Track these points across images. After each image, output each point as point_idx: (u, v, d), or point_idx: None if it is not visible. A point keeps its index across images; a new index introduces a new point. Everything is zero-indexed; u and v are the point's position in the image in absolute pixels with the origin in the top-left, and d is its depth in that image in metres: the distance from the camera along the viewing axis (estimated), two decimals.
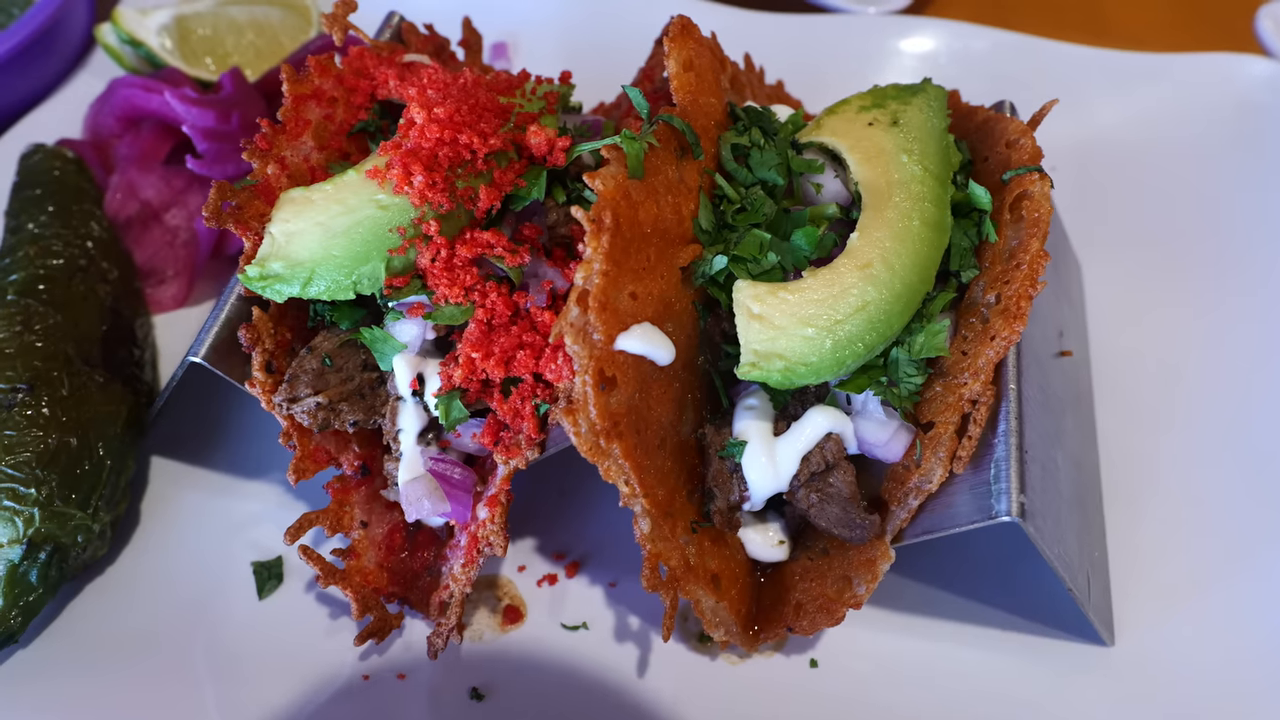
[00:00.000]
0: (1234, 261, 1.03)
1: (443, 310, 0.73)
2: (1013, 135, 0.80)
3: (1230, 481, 0.88)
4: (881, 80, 1.14)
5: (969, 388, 0.70)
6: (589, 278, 0.65)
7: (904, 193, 0.75)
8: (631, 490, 0.68)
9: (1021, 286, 0.71)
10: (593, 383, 0.64)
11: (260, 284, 0.71)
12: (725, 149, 0.79)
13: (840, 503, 0.73)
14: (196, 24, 1.09)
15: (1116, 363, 0.98)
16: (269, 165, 0.77)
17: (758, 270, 0.73)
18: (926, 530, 0.71)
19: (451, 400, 0.73)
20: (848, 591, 0.73)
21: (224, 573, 0.85)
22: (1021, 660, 0.79)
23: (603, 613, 0.83)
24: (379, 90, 0.84)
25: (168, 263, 1.02)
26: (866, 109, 0.83)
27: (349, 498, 0.78)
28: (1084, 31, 1.34)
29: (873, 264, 0.71)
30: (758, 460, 0.72)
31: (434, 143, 0.73)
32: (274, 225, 0.73)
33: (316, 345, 0.75)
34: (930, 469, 0.70)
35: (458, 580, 0.75)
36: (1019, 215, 0.76)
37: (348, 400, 0.75)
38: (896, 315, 0.71)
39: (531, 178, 0.76)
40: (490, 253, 0.73)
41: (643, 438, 0.69)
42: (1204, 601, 0.81)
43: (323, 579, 0.74)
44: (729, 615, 0.75)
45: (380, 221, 0.71)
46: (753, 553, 0.78)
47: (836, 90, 1.18)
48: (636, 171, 0.69)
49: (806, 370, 0.68)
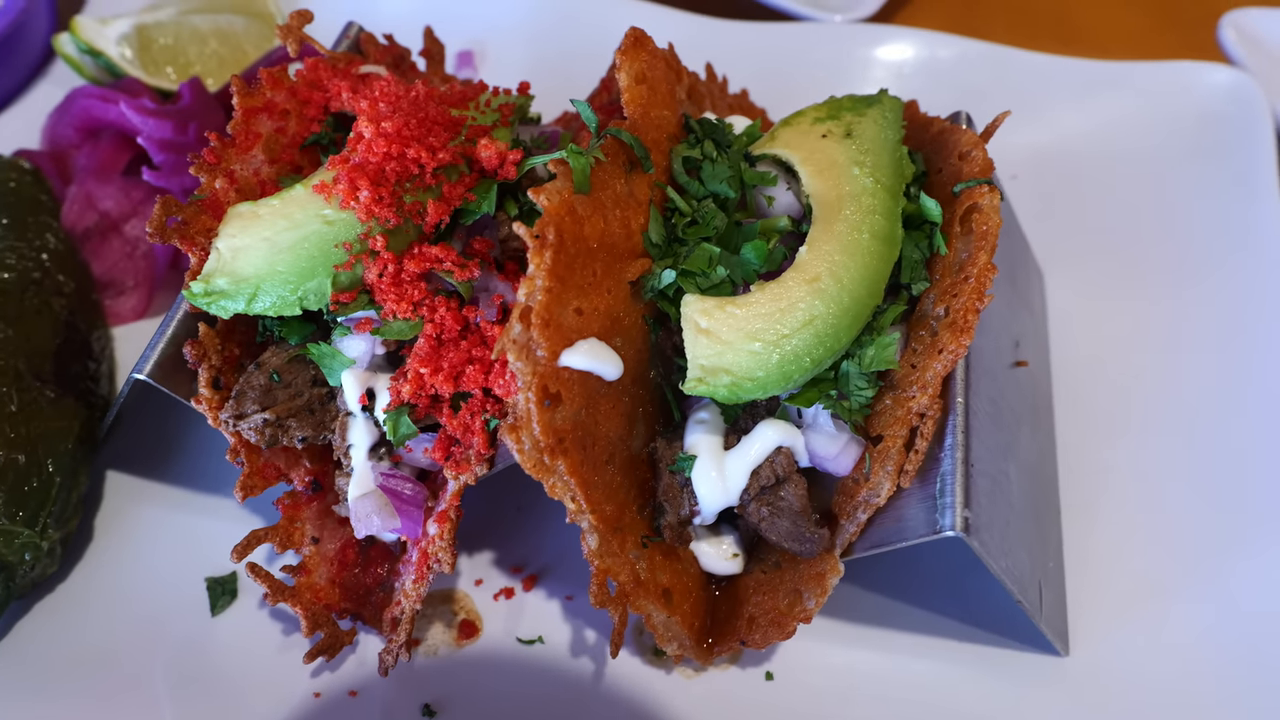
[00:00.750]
0: (1195, 270, 1.03)
1: (391, 325, 0.72)
2: (965, 147, 0.80)
3: (1188, 490, 0.88)
4: (848, 89, 1.13)
5: (916, 401, 0.70)
6: (531, 294, 0.64)
7: (854, 205, 0.75)
8: (578, 506, 0.67)
9: (969, 300, 0.71)
10: (536, 399, 0.64)
11: (205, 300, 0.71)
12: (677, 162, 0.78)
13: (791, 516, 0.72)
14: (158, 33, 1.08)
15: (1077, 372, 0.98)
16: (217, 179, 0.76)
17: (707, 284, 0.73)
18: (876, 544, 0.71)
19: (400, 416, 0.73)
20: (798, 605, 0.73)
21: (179, 589, 0.84)
22: (977, 672, 0.79)
23: (559, 626, 0.83)
24: (332, 102, 0.84)
25: (127, 274, 1.01)
26: (821, 120, 0.83)
27: (300, 514, 0.78)
28: (1054, 40, 1.34)
29: (821, 277, 0.71)
30: (707, 474, 0.72)
31: (381, 157, 0.72)
32: (220, 240, 0.73)
33: (264, 361, 0.75)
34: (878, 483, 0.70)
35: (409, 596, 0.74)
36: (969, 228, 0.75)
37: (296, 416, 0.74)
38: (844, 329, 0.71)
39: (482, 191, 0.76)
40: (439, 267, 0.73)
41: (589, 453, 0.69)
42: (1159, 610, 0.81)
43: (271, 596, 0.74)
44: (681, 629, 0.75)
45: (326, 236, 0.71)
46: (706, 566, 0.78)
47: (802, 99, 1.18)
48: (582, 186, 0.69)
49: (753, 385, 0.68)
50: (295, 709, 0.77)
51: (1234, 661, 0.77)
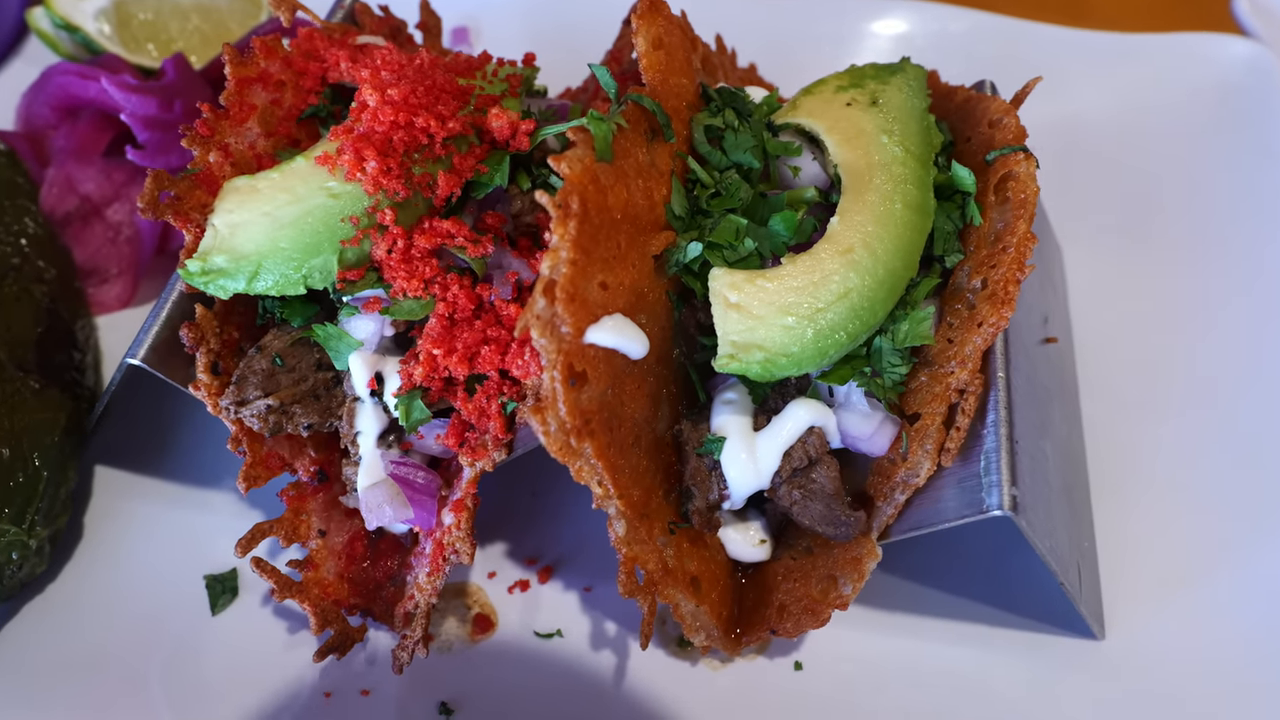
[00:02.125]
0: (1217, 244, 1.01)
1: (401, 305, 0.68)
2: (995, 114, 0.77)
3: (1219, 469, 0.86)
4: (857, 62, 1.10)
5: (956, 377, 0.67)
6: (555, 267, 0.61)
7: (885, 175, 0.72)
8: (605, 491, 0.64)
9: (1009, 270, 0.68)
10: (562, 378, 0.60)
11: (202, 279, 0.67)
12: (698, 131, 0.75)
13: (824, 499, 0.69)
14: (137, 8, 1.03)
15: (1100, 349, 0.96)
16: (211, 153, 0.72)
17: (734, 257, 0.69)
18: (914, 526, 0.68)
19: (412, 400, 0.69)
20: (833, 591, 0.70)
21: (176, 588, 0.80)
22: (1011, 657, 0.76)
23: (578, 619, 0.79)
24: (330, 73, 0.79)
25: (110, 261, 0.96)
26: (844, 89, 0.80)
27: (305, 505, 0.74)
28: (1063, 13, 1.31)
29: (854, 249, 0.68)
30: (737, 457, 0.69)
31: (388, 126, 0.68)
32: (216, 216, 0.68)
33: (266, 344, 0.70)
34: (917, 462, 0.67)
35: (423, 590, 0.71)
36: (1004, 197, 0.73)
37: (301, 402, 0.70)
38: (880, 302, 0.68)
39: (494, 163, 0.72)
40: (451, 243, 0.69)
41: (616, 436, 0.65)
42: (1194, 592, 0.79)
43: (278, 592, 0.70)
44: (709, 619, 0.72)
45: (331, 211, 0.67)
46: (733, 553, 0.75)
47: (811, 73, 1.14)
48: (605, 154, 0.65)
49: (788, 361, 0.65)
50: (305, 711, 0.73)
51: (1272, 643, 0.75)
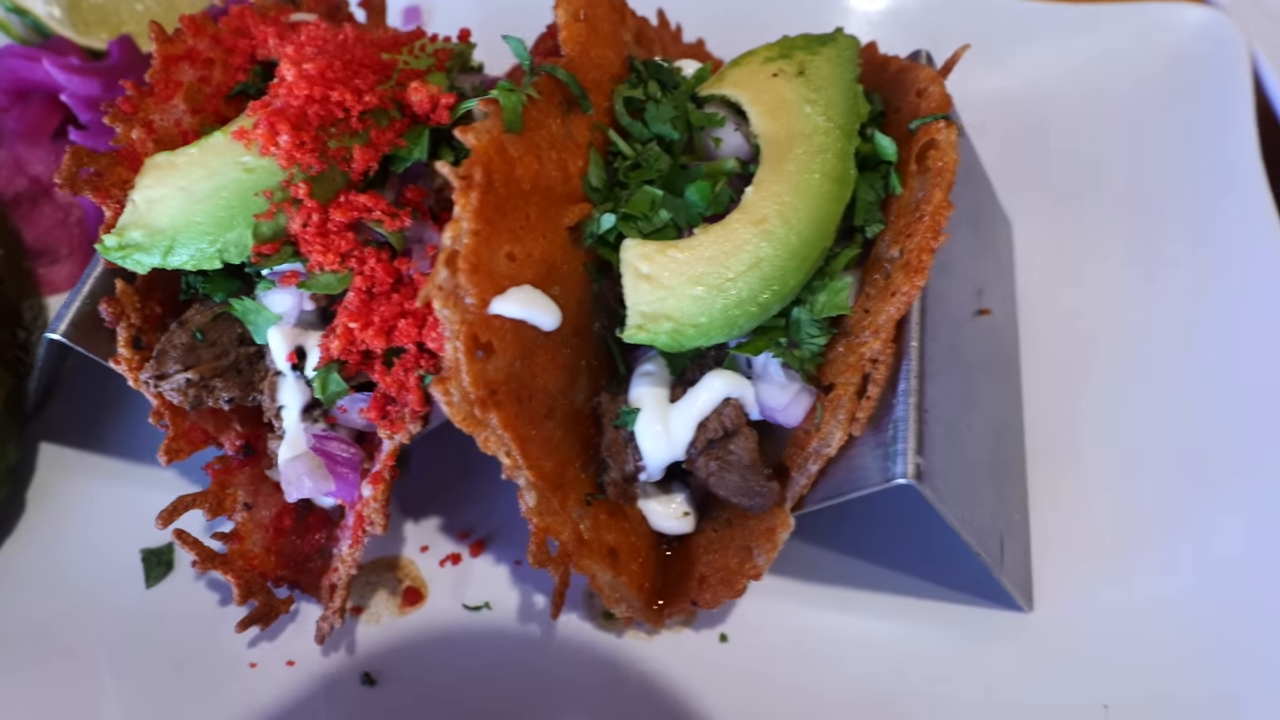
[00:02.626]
0: (1168, 216, 1.00)
1: (318, 278, 0.69)
2: (922, 83, 0.77)
3: (1156, 442, 0.85)
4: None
5: (869, 346, 0.67)
6: (458, 238, 0.61)
7: (805, 145, 0.72)
8: (514, 462, 0.64)
9: (923, 239, 0.68)
10: (465, 349, 0.61)
11: (119, 254, 0.67)
12: (619, 103, 0.75)
13: (740, 470, 0.69)
14: None
15: (1046, 323, 0.95)
16: (134, 129, 0.72)
17: (649, 229, 0.69)
18: (828, 496, 0.68)
19: (329, 373, 0.69)
20: (749, 562, 0.71)
21: (115, 562, 0.81)
22: (938, 629, 0.77)
23: (507, 592, 0.80)
24: (259, 50, 0.80)
25: (60, 241, 0.97)
26: (772, 60, 0.80)
27: (232, 479, 0.75)
28: None
29: (768, 219, 0.68)
30: (651, 428, 0.69)
31: (303, 100, 0.68)
32: (136, 192, 0.69)
33: (188, 319, 0.71)
34: (830, 432, 0.67)
35: (345, 562, 0.72)
36: (925, 166, 0.72)
37: (222, 376, 0.71)
38: (793, 272, 0.67)
39: (413, 137, 0.72)
40: (368, 217, 0.69)
41: (525, 407, 0.65)
42: (1124, 565, 0.78)
43: (199, 564, 0.71)
44: (629, 590, 0.72)
45: (245, 185, 0.67)
46: (656, 525, 0.75)
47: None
48: (514, 125, 0.65)
49: (695, 331, 0.65)
50: (231, 680, 0.74)
51: (1199, 617, 0.75)
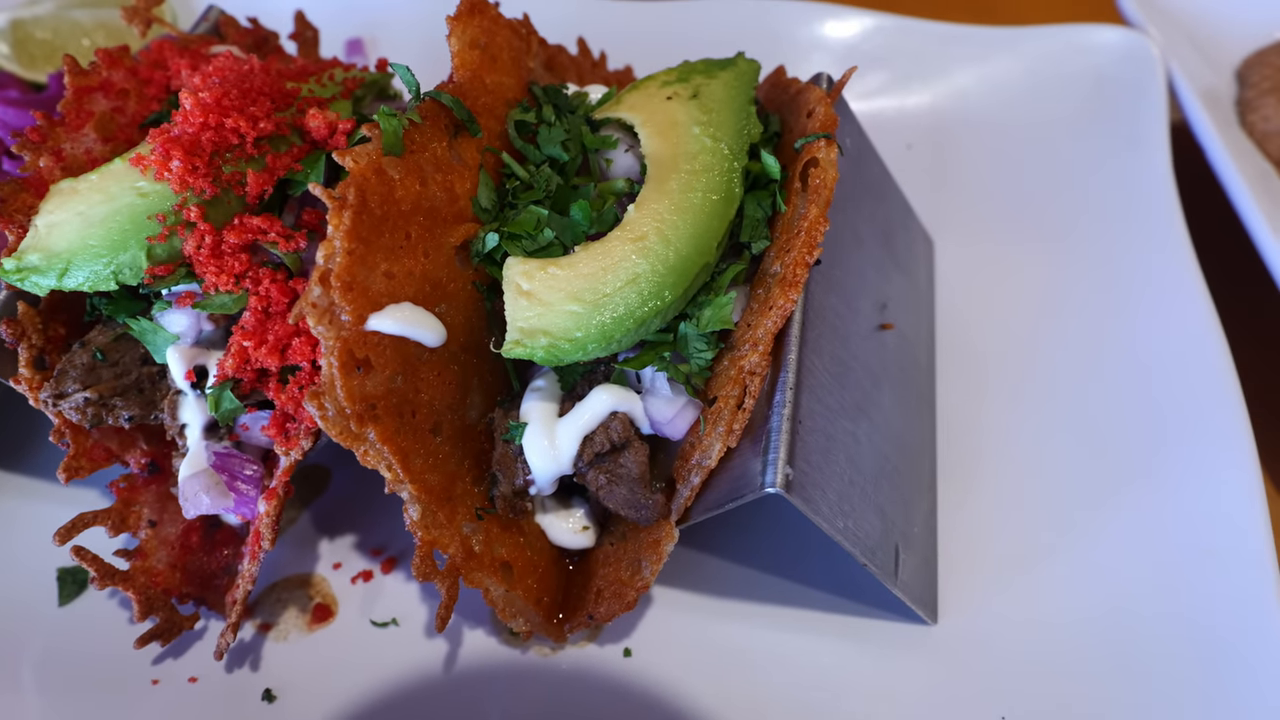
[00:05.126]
0: (1082, 234, 1.01)
1: (213, 299, 0.71)
2: (812, 104, 0.78)
3: (1067, 454, 0.85)
4: None
5: (748, 359, 0.68)
6: (331, 256, 0.63)
7: (690, 164, 0.74)
8: (395, 476, 0.65)
9: (799, 254, 0.69)
10: (339, 364, 0.62)
11: (16, 276, 0.70)
12: (511, 126, 0.77)
13: (628, 483, 0.70)
14: (35, 28, 1.08)
15: (961, 338, 0.96)
16: (41, 157, 0.75)
17: (533, 247, 0.71)
18: (710, 507, 0.69)
19: (223, 391, 0.71)
20: (638, 575, 0.71)
21: (33, 581, 0.82)
22: (843, 642, 0.77)
23: (416, 609, 0.81)
24: (173, 81, 0.83)
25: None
26: (670, 84, 0.82)
27: (137, 497, 0.76)
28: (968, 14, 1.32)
29: (647, 236, 0.69)
30: (538, 442, 0.70)
31: (198, 127, 0.71)
32: (39, 217, 0.72)
33: (89, 339, 0.73)
34: (710, 444, 0.68)
35: (244, 577, 0.73)
36: (806, 183, 0.74)
37: (122, 395, 0.73)
38: (670, 287, 0.69)
39: (310, 162, 0.75)
40: (263, 239, 0.72)
41: (408, 421, 0.67)
42: (1028, 576, 0.78)
43: (98, 580, 0.72)
44: (526, 604, 0.73)
45: (139, 209, 0.70)
46: (556, 539, 0.76)
47: None
48: (394, 148, 0.67)
49: (571, 346, 0.66)
50: (133, 697, 0.75)
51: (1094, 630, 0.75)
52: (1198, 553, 0.76)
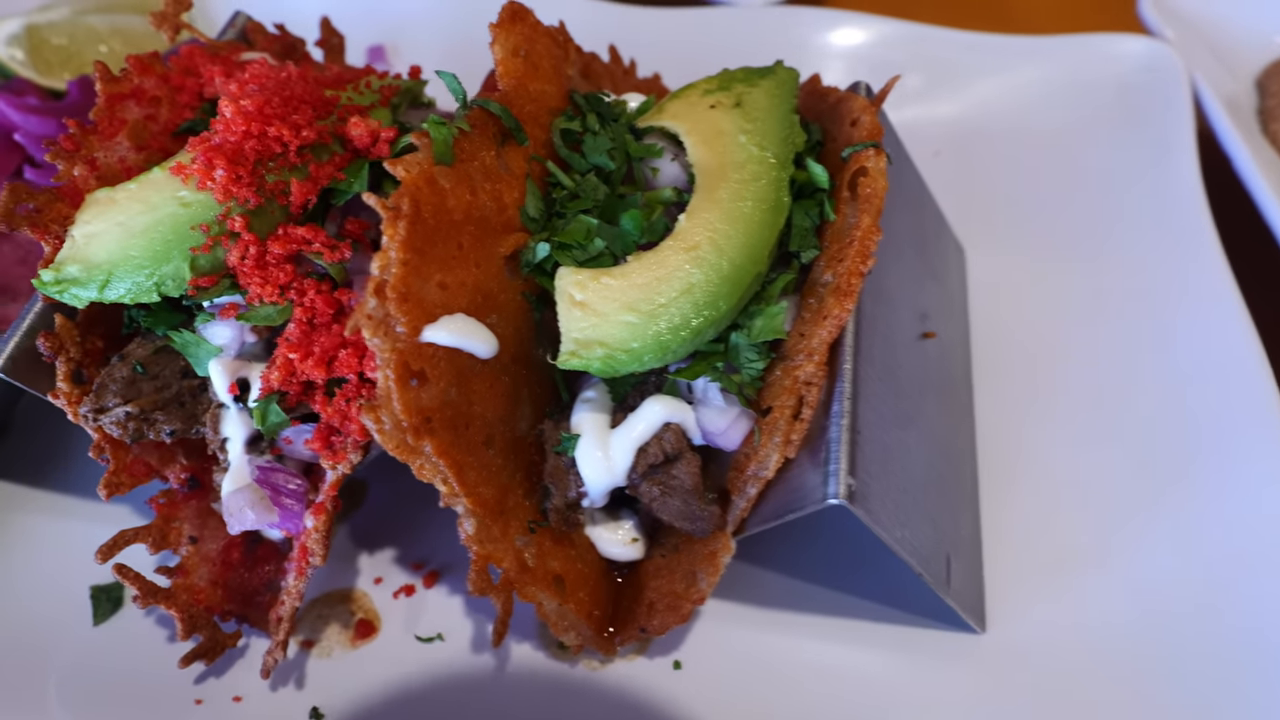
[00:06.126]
0: (1113, 241, 1.01)
1: (257, 310, 0.70)
2: (856, 113, 0.78)
3: (1106, 462, 0.86)
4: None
5: (803, 369, 0.68)
6: (386, 267, 0.62)
7: (739, 173, 0.73)
8: (450, 489, 0.64)
9: (852, 264, 0.69)
10: (396, 377, 0.61)
11: (56, 289, 0.68)
12: (556, 135, 0.76)
13: (682, 495, 0.70)
14: (51, 33, 1.06)
15: (997, 347, 0.96)
16: (76, 166, 0.73)
17: (584, 257, 0.70)
18: (767, 518, 0.68)
19: (269, 405, 0.70)
20: (693, 587, 0.70)
21: (67, 600, 0.80)
22: (891, 652, 0.76)
23: (460, 623, 0.80)
24: (206, 89, 0.81)
25: (20, 280, 0.98)
26: (711, 92, 0.81)
27: (177, 513, 0.75)
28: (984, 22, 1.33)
29: (700, 245, 0.69)
30: (591, 454, 0.69)
31: (240, 135, 0.70)
32: (75, 228, 0.70)
33: (129, 352, 0.72)
34: (767, 455, 0.67)
35: (290, 594, 0.71)
36: (855, 192, 0.73)
37: (163, 409, 0.71)
38: (725, 297, 0.68)
39: (353, 171, 0.74)
40: (308, 249, 0.70)
41: (462, 434, 0.66)
42: (1076, 584, 0.78)
43: (141, 598, 0.70)
44: (578, 618, 0.72)
45: (182, 219, 0.68)
46: (605, 551, 0.75)
47: None
48: (444, 157, 0.66)
49: (628, 356, 0.66)
50: (176, 717, 0.73)
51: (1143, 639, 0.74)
52: (1240, 558, 0.76)
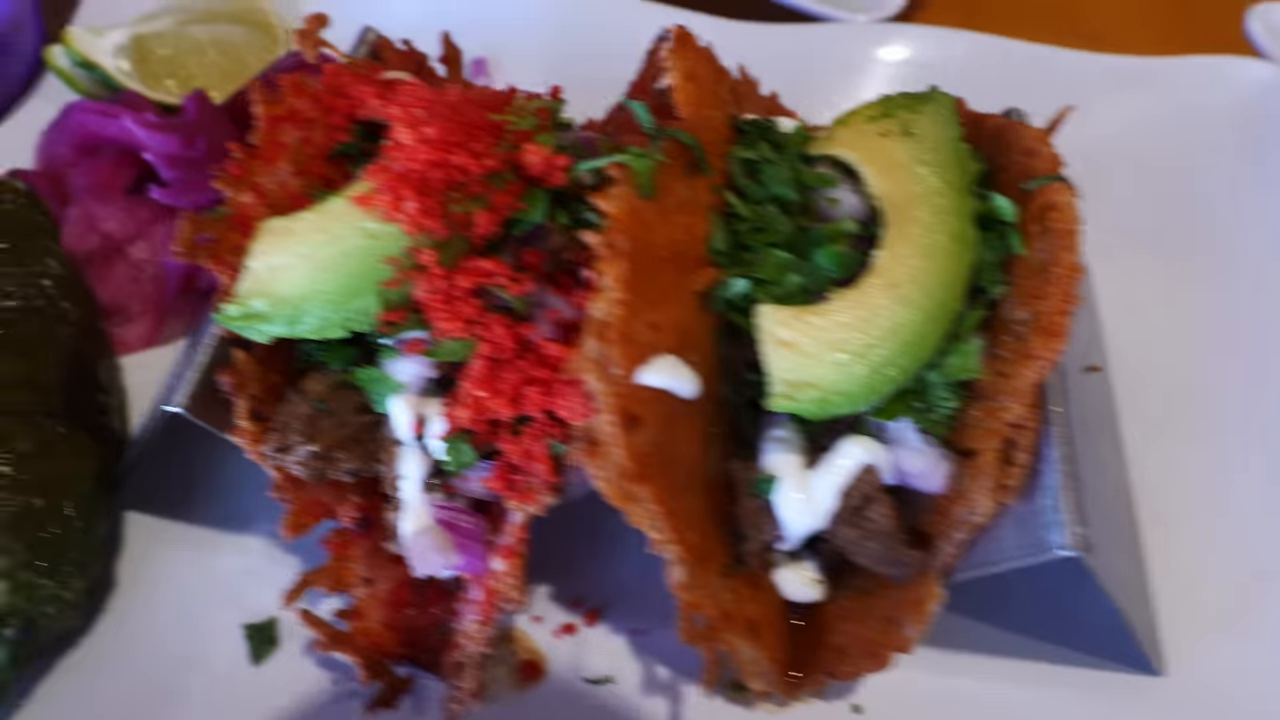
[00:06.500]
0: (1240, 265, 1.01)
1: (443, 346, 0.67)
2: (1029, 143, 0.77)
3: (1260, 491, 0.85)
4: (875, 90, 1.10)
5: (1011, 411, 0.66)
6: (606, 309, 0.59)
7: (926, 207, 0.71)
8: (662, 536, 0.62)
9: (1057, 303, 0.67)
10: (619, 422, 0.59)
11: (242, 324, 0.65)
12: (735, 164, 0.74)
13: (881, 538, 0.68)
14: (156, 44, 1.02)
15: (1134, 375, 0.95)
16: (243, 193, 0.70)
17: (780, 293, 0.69)
18: (973, 565, 0.66)
19: (460, 443, 0.67)
20: (894, 634, 0.69)
21: (213, 637, 0.77)
22: (1071, 693, 0.75)
23: (628, 664, 0.77)
24: (359, 110, 0.78)
25: (133, 300, 0.95)
26: (876, 119, 0.79)
27: (349, 552, 0.72)
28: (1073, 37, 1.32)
29: (901, 283, 0.67)
30: (792, 497, 0.67)
31: (424, 165, 0.67)
32: (253, 259, 0.67)
33: (307, 388, 0.69)
34: (976, 500, 0.66)
35: (474, 639, 0.69)
36: (1045, 227, 0.72)
37: (343, 447, 0.68)
38: (930, 336, 0.67)
39: (531, 200, 0.71)
40: (491, 282, 0.68)
41: (671, 479, 0.64)
42: (1253, 621, 0.77)
43: (324, 644, 0.68)
44: (768, 664, 0.70)
45: (370, 252, 0.66)
46: (786, 594, 0.73)
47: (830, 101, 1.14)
48: (647, 191, 0.64)
49: (842, 399, 0.64)
50: None
51: None
52: None
